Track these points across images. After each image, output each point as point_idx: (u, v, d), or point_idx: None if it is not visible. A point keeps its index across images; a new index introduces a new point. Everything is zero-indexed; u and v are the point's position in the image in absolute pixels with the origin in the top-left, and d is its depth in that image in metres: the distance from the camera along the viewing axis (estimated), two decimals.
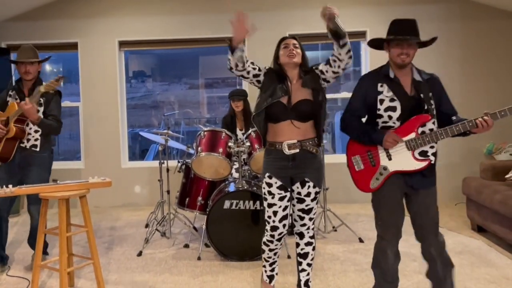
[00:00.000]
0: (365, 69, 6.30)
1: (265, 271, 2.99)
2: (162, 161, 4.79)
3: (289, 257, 3.88)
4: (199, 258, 3.95)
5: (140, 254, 4.12)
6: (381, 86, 2.59)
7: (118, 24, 6.29)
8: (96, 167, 6.28)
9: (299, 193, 2.78)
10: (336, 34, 2.51)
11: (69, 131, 8.17)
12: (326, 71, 2.71)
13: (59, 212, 2.90)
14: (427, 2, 6.11)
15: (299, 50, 2.77)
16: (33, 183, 3.57)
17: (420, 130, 2.54)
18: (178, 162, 4.63)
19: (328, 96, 6.78)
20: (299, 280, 2.93)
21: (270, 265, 2.98)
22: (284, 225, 2.81)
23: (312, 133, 2.74)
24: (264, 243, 2.90)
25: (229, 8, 6.16)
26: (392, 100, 2.56)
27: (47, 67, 8.73)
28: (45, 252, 3.98)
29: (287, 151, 2.67)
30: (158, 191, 4.88)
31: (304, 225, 2.85)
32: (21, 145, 3.68)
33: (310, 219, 2.85)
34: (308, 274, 2.91)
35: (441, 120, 2.62)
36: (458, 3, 6.08)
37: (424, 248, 2.70)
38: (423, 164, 2.54)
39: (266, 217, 2.82)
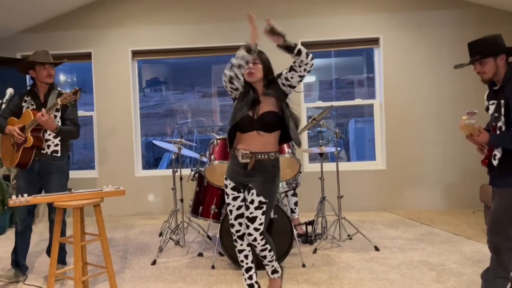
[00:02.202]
0: (379, 76, 6.26)
1: (244, 279, 3.11)
2: (175, 169, 4.79)
3: (303, 265, 3.84)
4: (213, 267, 3.92)
5: (154, 262, 4.11)
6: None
7: (131, 34, 6.34)
8: (110, 176, 6.31)
9: (245, 200, 2.94)
10: (287, 48, 2.71)
11: (83, 140, 8.23)
12: (291, 77, 2.81)
13: (73, 221, 2.90)
14: (442, 7, 6.06)
15: (259, 66, 2.88)
16: (55, 191, 3.55)
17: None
18: (192, 170, 4.63)
19: (342, 103, 6.85)
20: (267, 272, 3.15)
21: (246, 271, 3.08)
22: (240, 223, 3.01)
23: (274, 146, 2.92)
24: (234, 240, 3.08)
25: (241, 16, 6.18)
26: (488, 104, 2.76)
27: (61, 76, 8.82)
28: (63, 262, 3.96)
29: (240, 160, 2.88)
30: (171, 200, 4.87)
31: (250, 234, 2.89)
32: (42, 151, 3.64)
33: (256, 229, 2.87)
34: (272, 266, 3.11)
35: None
36: (474, 8, 6.02)
37: None
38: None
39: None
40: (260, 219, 2.87)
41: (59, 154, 3.72)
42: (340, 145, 7.52)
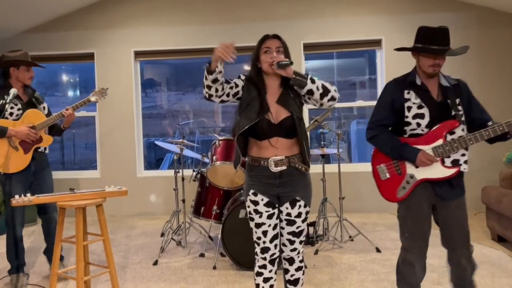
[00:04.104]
0: (381, 77, 6.27)
1: None
2: (177, 170, 4.80)
3: (305, 267, 3.84)
4: (214, 268, 3.93)
5: (156, 263, 4.12)
6: (408, 93, 2.54)
7: (134, 35, 6.35)
8: (112, 176, 6.32)
9: (288, 214, 2.47)
10: (299, 86, 2.36)
11: (85, 140, 8.24)
12: (309, 98, 2.44)
13: (76, 221, 2.91)
14: (444, 9, 6.06)
15: (282, 55, 2.40)
16: (49, 185, 3.75)
17: (449, 137, 2.47)
18: (193, 171, 4.64)
19: (344, 104, 6.86)
20: None
21: None
22: (275, 246, 2.48)
23: (297, 149, 2.45)
24: (257, 273, 2.52)
25: (243, 18, 6.20)
26: (420, 107, 2.50)
27: (64, 77, 8.84)
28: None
29: (273, 169, 2.39)
30: (173, 200, 4.88)
31: (294, 249, 2.51)
32: (38, 150, 3.67)
33: (301, 242, 2.52)
34: None
35: (475, 126, 2.51)
36: (476, 11, 6.02)
37: (453, 257, 2.65)
38: (452, 171, 2.48)
39: (254, 239, 2.50)
40: (305, 230, 2.53)
41: (47, 151, 3.83)
42: (342, 146, 7.53)
